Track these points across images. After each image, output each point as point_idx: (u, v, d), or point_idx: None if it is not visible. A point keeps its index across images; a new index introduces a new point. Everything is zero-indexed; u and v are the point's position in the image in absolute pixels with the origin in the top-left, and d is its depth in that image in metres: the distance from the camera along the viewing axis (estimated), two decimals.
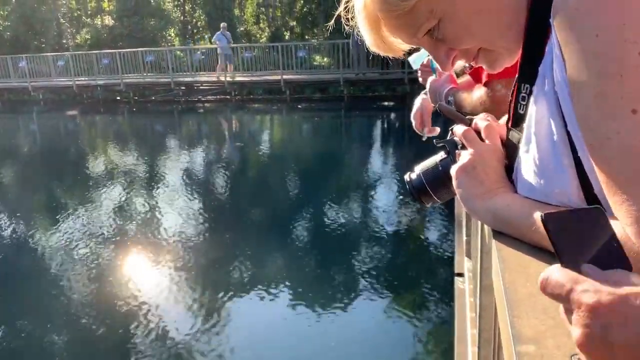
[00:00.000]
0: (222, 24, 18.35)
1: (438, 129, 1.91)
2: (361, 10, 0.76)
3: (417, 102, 1.93)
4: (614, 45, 0.55)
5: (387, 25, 0.75)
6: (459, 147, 0.87)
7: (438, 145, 0.94)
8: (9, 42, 23.43)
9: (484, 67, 0.78)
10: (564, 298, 0.41)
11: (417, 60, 1.88)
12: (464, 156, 0.81)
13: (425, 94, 1.90)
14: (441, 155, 0.94)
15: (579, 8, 0.59)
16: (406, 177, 0.99)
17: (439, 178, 0.92)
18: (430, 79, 1.72)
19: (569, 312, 0.41)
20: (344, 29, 0.87)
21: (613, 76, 0.55)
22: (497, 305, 0.74)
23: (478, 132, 0.84)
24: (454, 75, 1.70)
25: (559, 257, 0.44)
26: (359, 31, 0.81)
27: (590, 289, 0.39)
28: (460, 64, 2.08)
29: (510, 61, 0.75)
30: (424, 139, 1.81)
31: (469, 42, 0.73)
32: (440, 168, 0.92)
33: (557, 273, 0.42)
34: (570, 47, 0.60)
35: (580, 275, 0.41)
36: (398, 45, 0.81)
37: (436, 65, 1.77)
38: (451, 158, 0.90)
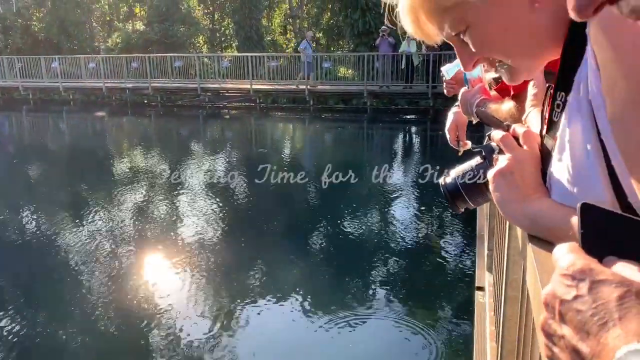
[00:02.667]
0: (309, 33, 18.27)
1: (470, 143, 1.92)
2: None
3: (450, 115, 1.94)
4: None
5: (425, 13, 0.77)
6: (496, 152, 0.89)
7: (474, 150, 0.95)
8: (43, 43, 24.06)
9: (503, 77, 0.80)
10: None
11: (450, 70, 1.90)
12: (502, 161, 0.82)
13: (457, 106, 1.90)
14: (477, 160, 0.95)
15: (612, 17, 0.60)
16: (440, 180, 1.01)
17: (475, 183, 0.94)
18: (463, 89, 1.73)
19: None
20: (369, 41, 0.88)
21: None
22: (533, 309, 0.75)
23: (516, 138, 0.86)
24: (487, 87, 1.71)
25: (582, 244, 0.45)
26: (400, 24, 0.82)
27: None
28: (489, 76, 2.08)
29: (531, 75, 0.78)
30: (459, 154, 1.80)
31: (492, 54, 0.75)
32: (476, 173, 0.94)
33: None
34: (604, 56, 0.60)
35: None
36: (432, 33, 0.81)
37: (469, 76, 1.78)
38: (488, 163, 0.92)
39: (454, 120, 1.89)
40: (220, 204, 8.19)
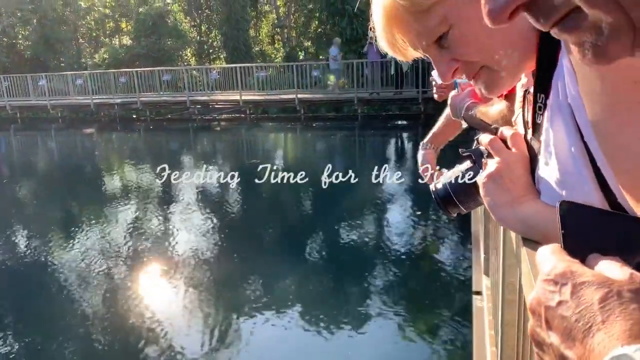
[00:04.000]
0: (336, 39, 17.72)
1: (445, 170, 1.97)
2: (380, 5, 0.76)
3: (420, 157, 1.96)
4: None
5: (401, 24, 0.75)
6: (485, 156, 0.88)
7: (464, 154, 0.94)
8: (29, 61, 23.97)
9: (481, 89, 0.78)
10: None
11: None
12: (491, 165, 0.81)
13: (424, 147, 1.95)
14: (467, 164, 0.94)
15: None
16: (431, 186, 0.99)
17: (465, 187, 0.93)
18: (452, 93, 1.73)
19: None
20: (358, 48, 0.88)
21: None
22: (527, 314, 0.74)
23: (504, 141, 0.84)
24: (476, 92, 1.71)
25: (564, 245, 0.44)
26: (375, 35, 0.81)
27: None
28: (499, 108, 2.09)
29: (509, 86, 0.76)
30: (463, 127, 1.82)
31: (475, 56, 0.73)
32: (466, 177, 0.92)
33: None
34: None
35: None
36: (407, 49, 0.80)
37: (459, 80, 1.78)
38: (477, 167, 0.91)
39: (423, 161, 1.93)
40: (213, 217, 8.14)
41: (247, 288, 5.55)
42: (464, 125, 1.70)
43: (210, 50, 29.34)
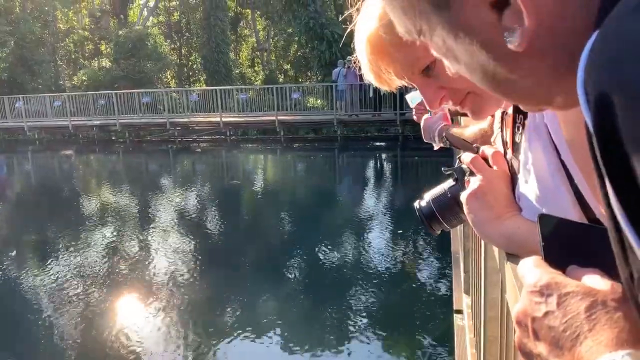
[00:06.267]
0: (340, 61, 17.40)
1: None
2: (364, 39, 0.77)
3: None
4: None
5: (386, 56, 0.76)
6: (467, 174, 0.91)
7: (446, 173, 0.97)
8: (7, 82, 23.65)
9: (468, 113, 0.80)
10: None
11: (415, 99, 1.94)
12: (474, 183, 0.84)
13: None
14: (450, 182, 0.97)
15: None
16: (415, 204, 1.02)
17: (448, 205, 0.96)
18: (425, 116, 1.78)
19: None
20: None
21: None
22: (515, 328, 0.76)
23: (485, 160, 0.88)
24: (447, 114, 1.76)
25: (545, 257, 0.46)
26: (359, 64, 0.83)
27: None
28: (472, 130, 2.14)
29: (495, 109, 0.78)
30: (435, 149, 1.83)
31: (462, 83, 0.73)
32: (449, 195, 0.95)
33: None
34: None
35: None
36: (392, 80, 0.82)
37: None
38: (460, 185, 0.94)
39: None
40: (193, 240, 8.06)
41: (226, 310, 5.48)
42: (436, 147, 1.76)
43: (190, 73, 29.38)
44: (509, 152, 0.85)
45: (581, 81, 0.31)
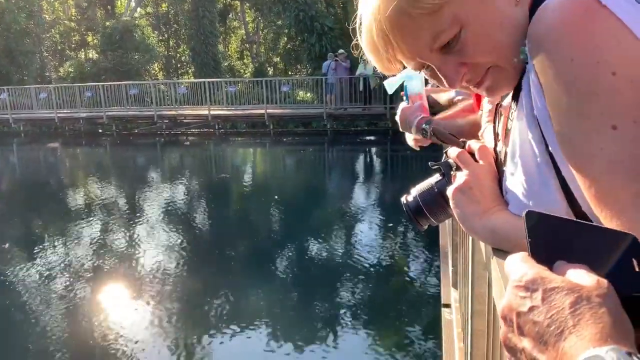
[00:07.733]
0: (330, 54, 17.22)
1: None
2: (375, 11, 0.72)
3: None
4: (588, 67, 0.58)
5: (408, 32, 0.71)
6: (453, 168, 0.90)
7: (433, 167, 0.96)
8: None
9: (484, 91, 0.78)
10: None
11: (391, 85, 1.78)
12: (460, 177, 0.83)
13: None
14: (436, 177, 0.96)
15: (549, 34, 0.62)
16: (402, 199, 1.01)
17: (435, 200, 0.94)
18: (402, 104, 1.64)
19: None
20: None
21: (591, 96, 0.58)
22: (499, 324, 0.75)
23: (472, 154, 0.87)
24: (426, 106, 1.66)
25: (531, 254, 0.46)
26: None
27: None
28: (448, 96, 2.05)
29: (513, 85, 0.75)
30: (409, 142, 1.69)
31: (487, 55, 0.71)
32: (436, 190, 0.94)
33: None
34: (546, 72, 0.62)
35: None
36: (398, 61, 0.78)
37: (409, 92, 1.75)
38: (446, 180, 0.93)
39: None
40: (181, 233, 8.02)
41: (215, 304, 5.46)
42: (409, 140, 1.66)
43: (179, 65, 29.13)
44: (500, 143, 0.84)
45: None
